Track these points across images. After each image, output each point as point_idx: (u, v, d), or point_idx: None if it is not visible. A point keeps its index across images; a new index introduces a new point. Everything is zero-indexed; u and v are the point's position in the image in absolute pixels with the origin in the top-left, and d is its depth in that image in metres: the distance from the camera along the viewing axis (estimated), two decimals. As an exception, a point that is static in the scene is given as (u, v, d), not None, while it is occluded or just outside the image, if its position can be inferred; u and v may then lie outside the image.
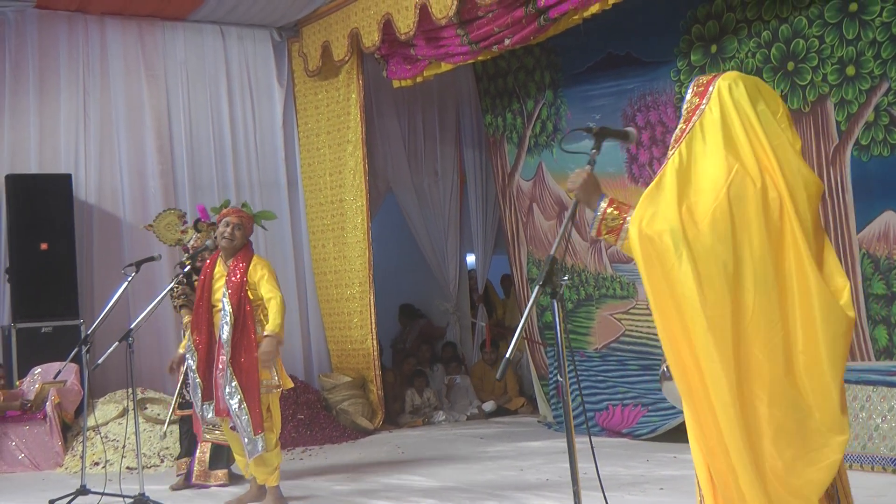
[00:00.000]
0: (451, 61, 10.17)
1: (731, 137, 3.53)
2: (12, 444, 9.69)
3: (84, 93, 11.30)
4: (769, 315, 3.44)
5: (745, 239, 3.43)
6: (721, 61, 8.57)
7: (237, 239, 7.45)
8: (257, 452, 7.25)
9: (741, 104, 3.57)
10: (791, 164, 3.51)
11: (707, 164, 3.53)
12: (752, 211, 3.43)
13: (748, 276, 3.43)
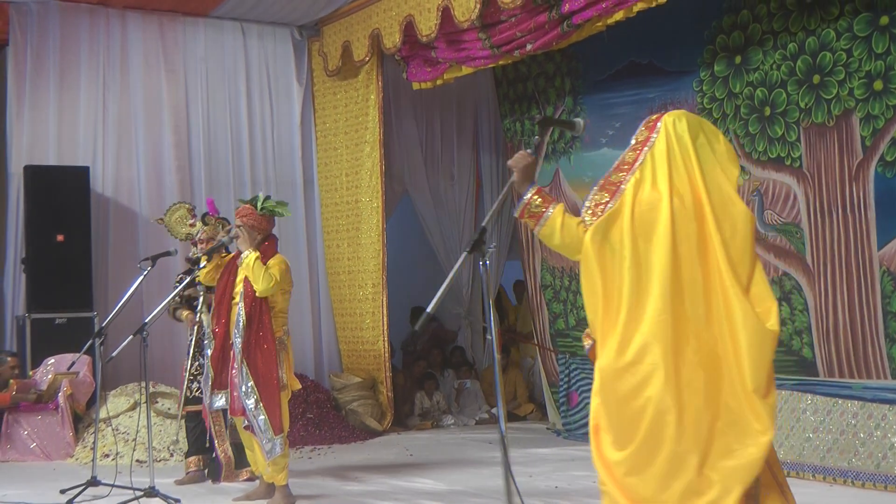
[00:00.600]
0: (472, 65, 10.16)
1: (674, 169, 3.94)
2: (24, 433, 9.72)
3: (103, 86, 11.33)
4: (701, 331, 3.84)
5: (682, 262, 3.85)
6: (745, 72, 8.54)
7: (246, 241, 7.45)
8: (276, 453, 7.25)
9: (683, 138, 3.98)
10: (722, 195, 3.92)
11: (653, 188, 3.94)
12: (682, 235, 3.85)
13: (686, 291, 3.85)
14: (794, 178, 8.28)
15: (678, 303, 3.86)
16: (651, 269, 3.90)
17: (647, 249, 3.91)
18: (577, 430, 10.25)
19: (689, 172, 3.95)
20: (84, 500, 7.50)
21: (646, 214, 3.93)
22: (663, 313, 3.85)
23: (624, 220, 3.94)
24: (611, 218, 3.97)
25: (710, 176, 3.95)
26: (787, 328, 8.43)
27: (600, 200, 4.07)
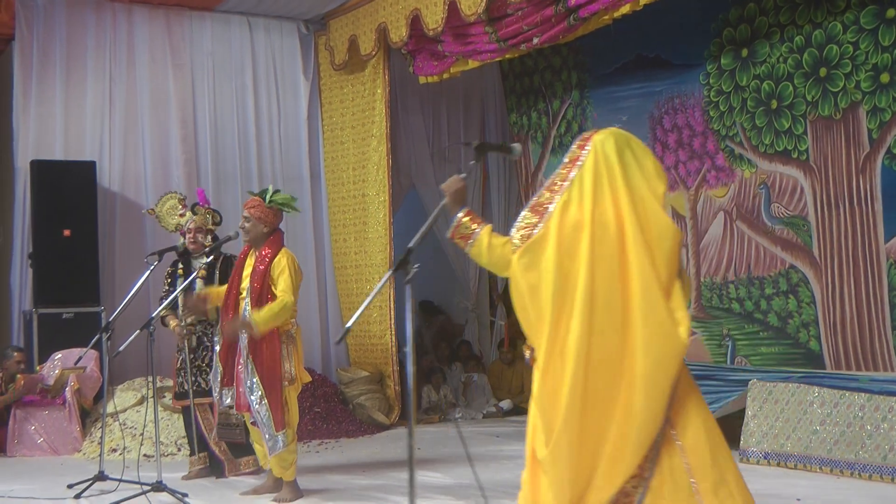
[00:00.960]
0: (479, 58, 10.15)
1: (598, 187, 4.11)
2: (32, 428, 9.74)
3: (110, 81, 11.34)
4: (610, 337, 4.05)
5: (598, 275, 4.03)
6: (752, 65, 8.54)
7: (248, 231, 7.42)
8: (278, 449, 7.24)
9: (609, 157, 4.14)
10: (647, 210, 4.08)
11: (578, 208, 4.11)
12: (607, 250, 4.04)
13: (598, 305, 4.03)
14: (800, 170, 8.27)
15: (595, 318, 4.05)
16: (574, 288, 4.08)
17: (571, 268, 4.09)
18: (585, 423, 10.22)
19: (613, 191, 4.10)
20: (92, 495, 7.52)
21: (570, 236, 4.10)
22: (581, 329, 4.05)
23: (550, 243, 4.12)
24: (538, 241, 4.15)
25: (635, 193, 4.10)
26: (794, 321, 8.43)
27: (529, 222, 4.23)
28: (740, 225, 8.85)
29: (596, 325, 4.05)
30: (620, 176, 4.12)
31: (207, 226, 8.30)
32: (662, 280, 4.04)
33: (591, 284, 4.04)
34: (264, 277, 7.27)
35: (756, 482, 7.34)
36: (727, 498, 4.21)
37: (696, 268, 9.27)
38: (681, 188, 9.37)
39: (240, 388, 7.33)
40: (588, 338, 4.04)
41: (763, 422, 8.13)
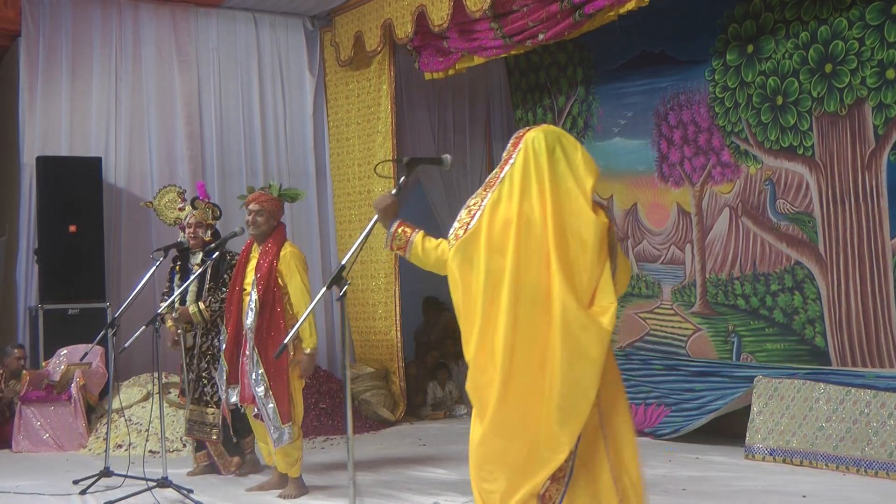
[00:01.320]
0: (484, 55, 10.15)
1: (526, 184, 4.25)
2: (37, 423, 9.76)
3: (116, 77, 11.36)
4: (535, 328, 4.17)
5: (523, 268, 4.17)
6: (757, 62, 8.53)
7: (262, 225, 7.42)
8: (284, 442, 7.24)
9: (539, 154, 4.26)
10: (572, 206, 4.21)
11: (507, 205, 4.26)
12: (532, 245, 4.18)
13: (523, 298, 4.17)
14: (806, 167, 8.26)
15: (520, 313, 4.18)
16: (501, 283, 4.21)
17: (500, 264, 4.22)
18: (590, 419, 10.22)
19: (540, 188, 4.23)
20: (97, 491, 7.52)
21: (499, 232, 4.24)
22: (507, 324, 4.19)
23: (481, 239, 4.25)
24: (470, 238, 4.29)
25: (562, 188, 4.24)
26: (800, 317, 8.42)
27: (464, 221, 4.39)
28: (746, 221, 8.84)
29: (521, 319, 4.18)
30: (548, 172, 4.25)
31: (207, 220, 8.28)
32: (588, 272, 4.19)
33: (516, 280, 4.18)
34: (271, 271, 7.28)
35: (761, 479, 7.38)
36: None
37: (701, 264, 9.27)
38: (686, 184, 9.37)
39: (244, 379, 7.33)
40: (513, 332, 4.18)
41: (769, 418, 8.13)
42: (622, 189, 10.07)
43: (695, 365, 9.28)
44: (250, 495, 7.47)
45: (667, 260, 9.66)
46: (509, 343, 4.19)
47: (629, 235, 10.01)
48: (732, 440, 8.65)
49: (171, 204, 8.69)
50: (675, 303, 9.61)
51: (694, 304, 9.40)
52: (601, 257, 4.24)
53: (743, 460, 8.17)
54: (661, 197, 9.66)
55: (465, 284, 4.32)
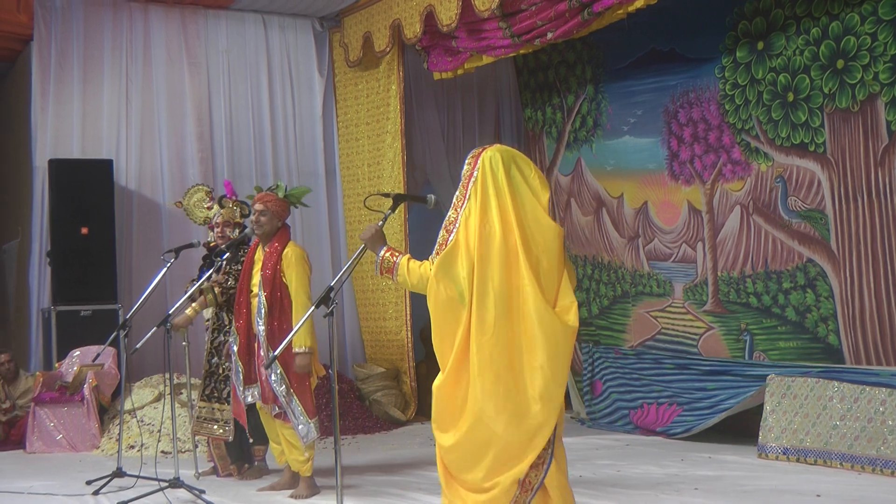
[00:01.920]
0: (493, 54, 10.14)
1: (486, 199, 4.64)
2: (51, 424, 9.79)
3: (127, 80, 11.40)
4: (505, 330, 4.56)
5: (489, 276, 4.55)
6: (768, 58, 8.51)
7: (265, 225, 7.44)
8: (312, 437, 7.27)
9: (496, 172, 4.65)
10: (533, 216, 4.62)
11: (473, 221, 4.63)
12: (494, 254, 4.55)
13: (490, 302, 4.55)
14: (817, 164, 8.24)
15: (492, 315, 4.55)
16: (475, 289, 4.59)
17: (474, 273, 4.59)
18: (602, 418, 10.23)
19: (501, 201, 4.61)
20: (110, 491, 7.53)
21: (473, 244, 4.59)
22: (479, 327, 4.56)
23: (460, 251, 4.63)
24: (449, 252, 4.66)
25: (522, 202, 4.63)
26: (813, 315, 8.40)
27: (443, 239, 4.75)
28: (757, 219, 8.82)
29: (495, 323, 4.55)
30: (507, 187, 4.63)
31: (235, 219, 8.25)
32: (552, 276, 4.60)
33: (487, 286, 4.56)
34: (275, 270, 7.32)
35: (775, 478, 7.36)
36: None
37: (712, 262, 9.25)
38: (696, 182, 9.35)
39: (262, 379, 7.35)
40: (487, 335, 4.55)
41: (782, 417, 8.10)
42: (632, 188, 10.06)
43: (707, 364, 9.26)
44: (262, 495, 7.47)
45: (678, 258, 9.64)
46: (487, 346, 4.55)
47: (640, 234, 10.00)
48: (745, 439, 8.63)
49: (200, 203, 8.69)
50: (686, 301, 9.60)
51: (706, 303, 9.38)
52: (561, 261, 4.66)
53: (756, 459, 8.15)
54: (672, 195, 9.64)
55: (446, 294, 4.64)
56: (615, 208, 10.25)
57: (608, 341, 10.46)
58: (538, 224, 4.63)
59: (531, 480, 4.62)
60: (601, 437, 9.65)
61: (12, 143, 12.56)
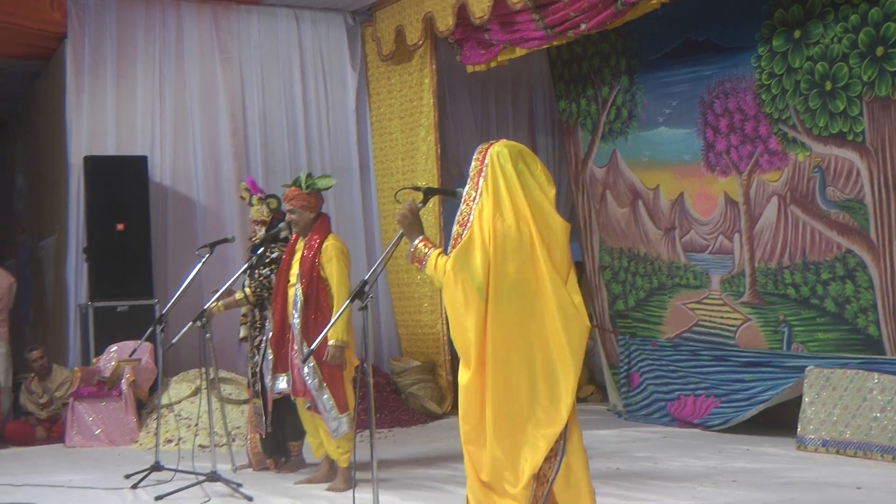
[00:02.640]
0: (526, 46, 10.11)
1: (497, 194, 4.71)
2: (89, 419, 9.88)
3: (160, 76, 11.47)
4: (523, 324, 4.67)
5: (505, 269, 4.65)
6: (805, 47, 8.42)
7: (298, 222, 7.47)
8: (343, 432, 7.29)
9: (505, 167, 4.74)
10: (542, 210, 4.72)
11: (486, 215, 4.71)
12: (509, 247, 4.65)
13: (506, 296, 4.65)
14: (856, 153, 8.15)
15: (512, 306, 4.67)
16: (492, 279, 4.68)
17: (492, 264, 4.66)
18: (638, 411, 10.19)
19: (513, 196, 4.71)
20: (148, 485, 7.58)
21: (488, 237, 4.67)
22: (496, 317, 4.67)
23: (476, 244, 4.68)
24: (464, 245, 4.71)
25: (531, 196, 4.72)
26: (852, 306, 8.32)
27: (458, 234, 4.81)
28: (795, 209, 8.75)
29: (513, 313, 4.65)
30: (517, 183, 4.72)
31: (262, 217, 8.24)
32: (562, 271, 4.70)
33: (505, 278, 4.65)
34: (313, 263, 7.34)
35: (814, 470, 7.31)
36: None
37: (749, 253, 9.19)
38: (733, 173, 9.28)
39: (294, 371, 7.36)
40: (504, 328, 4.65)
41: (821, 409, 8.04)
42: (668, 179, 10.00)
43: (744, 355, 9.20)
44: (298, 488, 7.49)
45: (715, 250, 9.58)
46: (505, 338, 4.66)
47: (676, 225, 9.94)
48: (783, 431, 8.57)
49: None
50: (723, 293, 9.53)
51: (743, 294, 9.31)
52: (568, 257, 4.78)
53: (795, 451, 8.10)
54: (708, 186, 9.57)
55: (463, 286, 4.68)
56: (651, 200, 10.19)
57: (645, 333, 10.41)
58: (548, 218, 4.73)
59: (545, 473, 4.70)
60: (638, 430, 9.61)
61: (48, 140, 12.64)
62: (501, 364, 4.67)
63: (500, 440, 4.71)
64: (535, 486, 4.70)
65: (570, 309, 4.66)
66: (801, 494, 6.58)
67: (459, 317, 4.75)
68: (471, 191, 4.84)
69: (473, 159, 4.87)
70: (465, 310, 4.72)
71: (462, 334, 4.75)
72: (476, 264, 4.67)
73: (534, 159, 4.87)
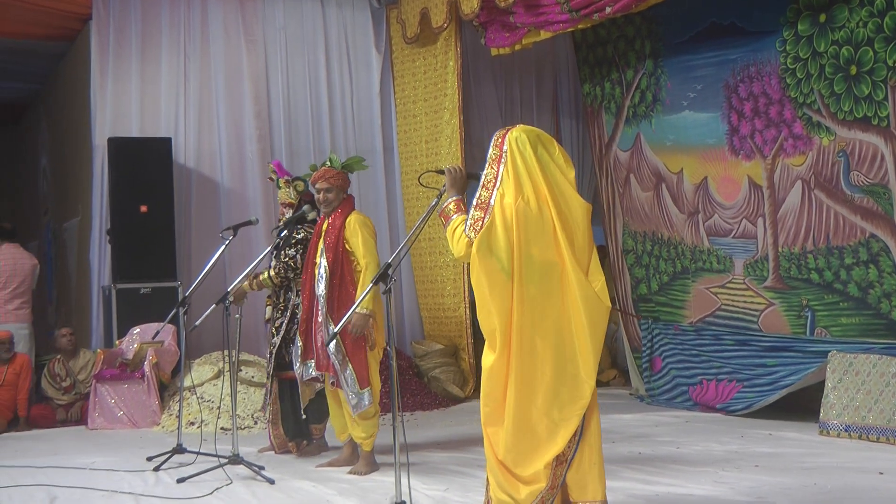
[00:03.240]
0: (551, 29, 10.06)
1: (518, 178, 4.82)
2: (112, 401, 9.92)
3: (185, 58, 11.48)
4: (548, 307, 4.78)
5: (530, 253, 4.76)
6: (830, 31, 8.36)
7: (333, 202, 7.50)
8: (363, 407, 7.29)
9: (524, 151, 4.84)
10: (563, 194, 4.84)
11: (508, 200, 4.81)
12: (532, 231, 4.76)
13: (531, 279, 4.77)
14: (881, 137, 8.10)
15: (534, 284, 4.78)
16: (517, 261, 4.78)
17: (515, 247, 4.76)
18: (661, 395, 10.18)
19: (534, 180, 4.82)
20: (170, 467, 7.62)
21: (510, 220, 4.76)
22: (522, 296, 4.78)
23: (497, 228, 4.78)
24: (487, 229, 4.79)
25: (551, 179, 4.84)
26: (876, 291, 8.28)
27: (477, 217, 4.87)
28: (818, 194, 8.70)
29: (537, 295, 4.76)
30: (537, 167, 4.83)
31: (289, 199, 8.23)
32: (584, 254, 4.83)
33: (530, 260, 4.76)
34: (339, 238, 7.36)
35: (836, 455, 7.28)
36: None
37: (773, 238, 9.14)
38: (757, 157, 9.24)
39: (317, 345, 7.36)
40: (531, 312, 4.76)
41: (843, 394, 8.01)
42: (692, 163, 9.96)
43: (767, 340, 9.17)
44: (320, 472, 7.51)
45: (738, 234, 9.54)
46: (531, 321, 4.76)
47: (700, 209, 9.90)
48: (806, 416, 8.55)
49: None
50: (746, 277, 9.50)
51: (766, 279, 9.27)
52: (591, 239, 4.89)
53: (817, 436, 8.07)
54: (732, 170, 9.53)
55: (486, 270, 4.77)
56: (675, 184, 10.15)
57: (668, 318, 10.39)
58: (569, 200, 4.83)
59: (565, 453, 4.82)
60: (660, 414, 9.60)
61: (72, 122, 12.68)
62: (527, 346, 4.75)
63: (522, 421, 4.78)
64: (555, 465, 4.81)
65: (590, 292, 4.75)
66: (824, 479, 6.56)
67: (485, 300, 4.82)
68: (490, 176, 4.91)
69: (492, 145, 4.96)
70: (490, 294, 4.79)
71: (488, 317, 4.83)
72: (501, 248, 4.75)
73: (551, 142, 4.96)
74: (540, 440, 4.80)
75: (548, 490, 4.82)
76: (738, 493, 6.30)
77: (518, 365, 4.77)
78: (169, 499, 6.76)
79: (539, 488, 4.80)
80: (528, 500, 4.81)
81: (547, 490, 4.82)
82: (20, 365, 10.15)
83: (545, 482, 4.79)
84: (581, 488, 4.86)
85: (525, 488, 4.82)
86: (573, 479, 4.87)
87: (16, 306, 11.20)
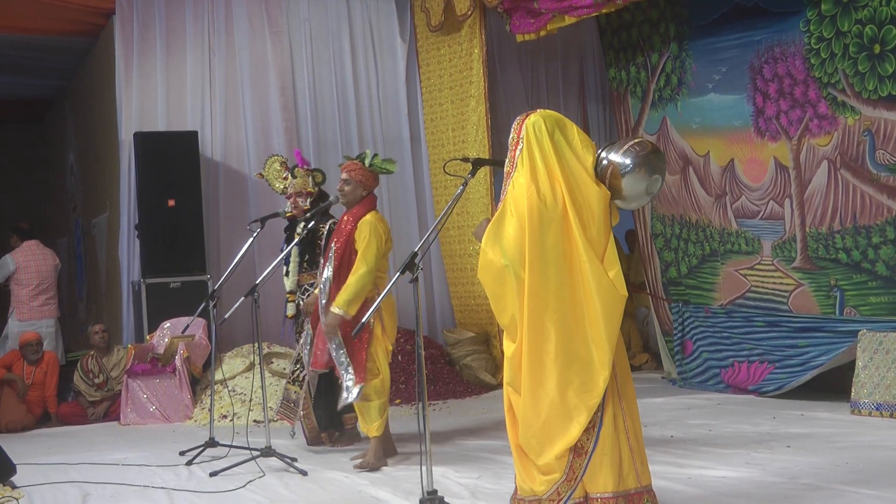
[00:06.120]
0: (575, 14, 10.02)
1: (534, 165, 4.78)
2: (144, 396, 9.97)
3: (210, 51, 11.51)
4: (562, 297, 4.73)
5: (543, 242, 4.70)
6: (853, 10, 8.30)
7: (348, 194, 7.45)
8: (350, 400, 7.21)
9: (541, 138, 4.80)
10: (578, 181, 4.78)
11: (520, 189, 4.78)
12: (546, 220, 4.71)
13: (544, 269, 4.72)
14: (906, 116, 8.05)
15: (543, 274, 4.72)
16: (533, 251, 4.74)
17: (528, 234, 4.72)
18: (693, 378, 10.16)
19: (549, 167, 4.77)
20: (203, 461, 7.68)
21: (522, 208, 4.74)
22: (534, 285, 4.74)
23: (507, 217, 4.78)
24: (497, 218, 4.83)
25: (567, 166, 4.78)
26: (903, 271, 8.25)
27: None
28: (845, 173, 8.65)
29: (549, 288, 4.72)
30: (553, 152, 4.78)
31: (307, 188, 8.24)
32: (599, 244, 4.77)
33: (544, 249, 4.71)
34: (349, 238, 7.33)
35: (868, 434, 7.26)
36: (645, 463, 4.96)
37: (800, 218, 9.10)
38: (783, 138, 9.19)
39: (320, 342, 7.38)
40: (544, 301, 4.72)
41: (874, 373, 7.98)
42: (718, 145, 9.92)
43: (798, 321, 9.14)
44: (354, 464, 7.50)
45: (766, 215, 9.50)
46: (544, 311, 4.72)
47: (727, 192, 9.86)
48: (837, 396, 8.52)
49: (277, 173, 8.70)
50: (775, 258, 9.46)
51: (795, 260, 9.24)
52: (607, 227, 4.83)
53: (849, 416, 8.04)
54: (758, 152, 9.48)
55: (496, 263, 4.79)
56: (702, 166, 10.11)
57: (698, 300, 10.36)
58: (584, 189, 4.78)
59: (583, 444, 4.75)
60: (692, 397, 9.58)
61: (98, 117, 12.76)
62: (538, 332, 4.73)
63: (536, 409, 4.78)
64: (573, 457, 4.76)
65: (604, 280, 4.70)
66: (856, 458, 6.54)
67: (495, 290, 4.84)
68: (508, 165, 4.92)
69: (512, 130, 4.94)
70: (501, 284, 4.80)
71: (503, 309, 4.82)
72: (508, 238, 4.76)
73: (570, 126, 4.92)
74: (553, 427, 4.75)
75: (564, 482, 4.78)
76: (771, 474, 6.30)
77: (529, 350, 4.75)
78: (202, 492, 6.80)
79: (554, 479, 4.76)
80: (544, 490, 4.80)
81: (563, 482, 4.78)
82: (47, 363, 10.25)
83: (560, 473, 4.75)
84: (591, 479, 4.78)
85: (541, 478, 4.81)
86: (589, 470, 4.81)
87: (41, 303, 11.32)
